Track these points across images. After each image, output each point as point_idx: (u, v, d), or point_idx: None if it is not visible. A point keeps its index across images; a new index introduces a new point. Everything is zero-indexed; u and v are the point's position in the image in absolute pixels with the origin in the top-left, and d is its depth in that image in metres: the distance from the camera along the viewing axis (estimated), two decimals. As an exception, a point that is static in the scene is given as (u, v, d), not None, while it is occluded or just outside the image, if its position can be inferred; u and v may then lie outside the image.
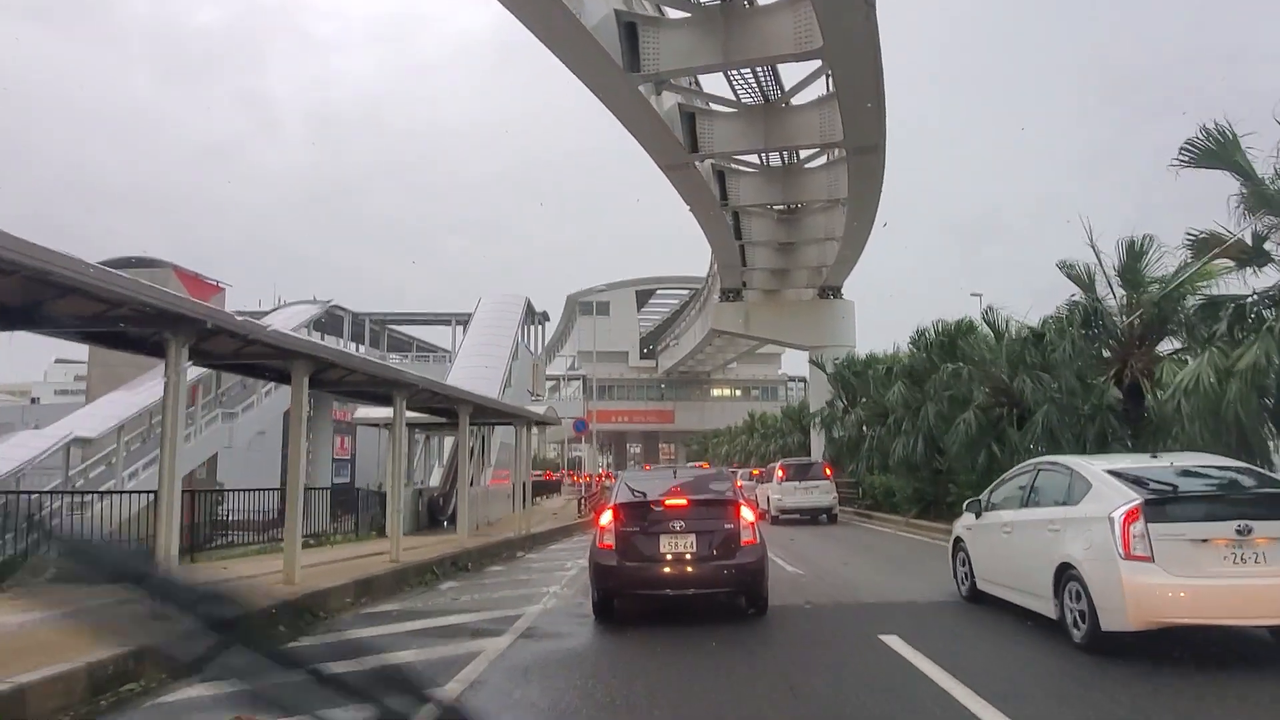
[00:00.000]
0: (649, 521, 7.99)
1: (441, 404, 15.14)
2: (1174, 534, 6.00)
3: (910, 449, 20.93)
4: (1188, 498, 6.39)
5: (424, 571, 11.99)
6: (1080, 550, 6.51)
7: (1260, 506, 6.22)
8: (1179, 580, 5.89)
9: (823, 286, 34.09)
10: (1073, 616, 6.51)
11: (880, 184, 22.23)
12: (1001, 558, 8.10)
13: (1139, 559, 5.98)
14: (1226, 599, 5.90)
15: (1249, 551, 5.90)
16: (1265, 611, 5.95)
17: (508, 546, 16.23)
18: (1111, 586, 6.07)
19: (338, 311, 38.54)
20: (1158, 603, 5.90)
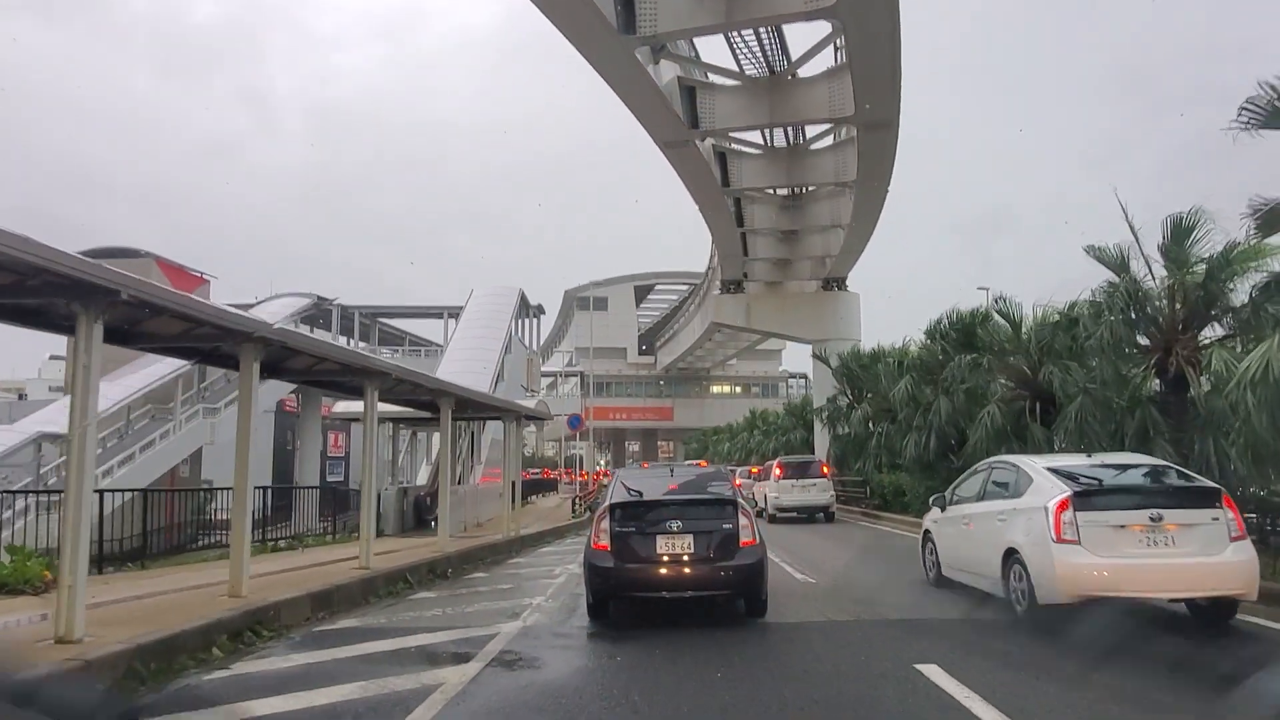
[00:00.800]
0: (646, 521, 7.78)
1: (421, 396, 13.99)
2: (1098, 521, 7.04)
3: (923, 446, 19.80)
4: (1110, 490, 7.45)
5: (396, 580, 10.84)
6: (1022, 536, 7.55)
7: (1170, 497, 7.26)
8: (1102, 560, 6.93)
9: (827, 278, 32.93)
10: (1016, 594, 7.57)
11: (891, 164, 21.04)
12: (962, 546, 9.12)
13: (1068, 542, 7.02)
14: (1141, 576, 6.93)
15: (1160, 535, 6.96)
16: (1172, 586, 7.03)
17: (493, 550, 15.08)
18: (1046, 566, 7.13)
19: (327, 305, 37.37)
20: (1084, 579, 6.93)
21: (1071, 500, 7.17)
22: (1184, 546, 6.93)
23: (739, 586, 7.80)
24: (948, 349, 20.06)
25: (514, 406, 17.10)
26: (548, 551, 16.10)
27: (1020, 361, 16.51)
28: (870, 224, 25.59)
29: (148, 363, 28.93)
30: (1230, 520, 7.07)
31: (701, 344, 56.81)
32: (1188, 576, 6.91)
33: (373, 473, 11.31)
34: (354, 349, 11.31)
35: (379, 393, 13.19)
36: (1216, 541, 6.97)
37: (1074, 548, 7.00)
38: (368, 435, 11.45)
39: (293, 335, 9.02)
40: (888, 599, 9.12)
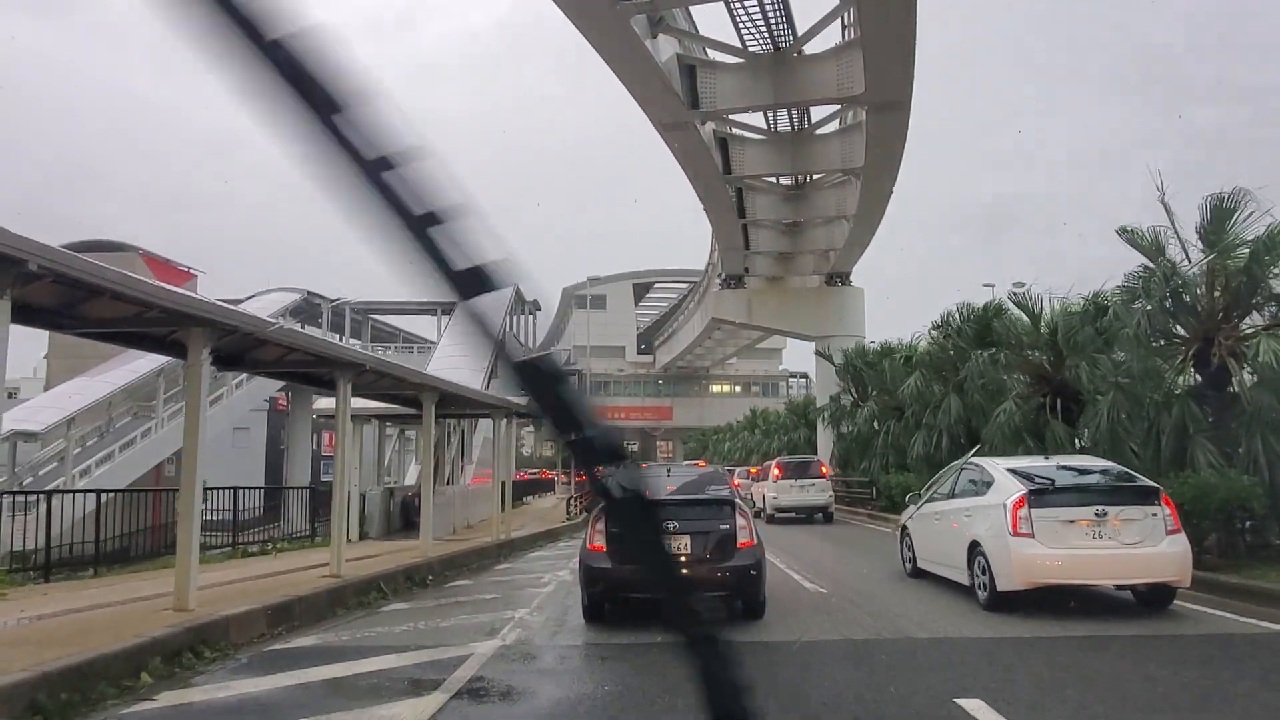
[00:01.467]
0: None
1: (401, 391, 13.08)
2: (1049, 516, 7.76)
3: (932, 445, 18.92)
4: (1061, 488, 8.11)
5: (368, 589, 9.93)
6: (984, 530, 8.29)
7: (1114, 495, 7.94)
8: (1053, 551, 7.66)
9: (830, 273, 32.01)
10: (979, 582, 8.30)
11: (901, 150, 20.09)
12: (934, 540, 9.86)
13: (1023, 535, 7.74)
14: (1087, 565, 7.71)
15: (1105, 529, 7.66)
16: (1116, 574, 7.86)
17: (480, 555, 14.17)
18: (1004, 557, 7.86)
19: (315, 300, 36.44)
20: (1037, 568, 7.66)
21: (1026, 498, 7.93)
22: (1125, 539, 7.69)
23: (737, 587, 7.69)
24: (959, 344, 19.18)
25: (503, 402, 16.18)
26: (538, 556, 15.18)
27: (1039, 356, 15.63)
28: (877, 215, 24.66)
29: (130, 359, 28.02)
30: (1167, 516, 7.83)
31: (701, 342, 55.85)
32: (1129, 566, 7.75)
33: (344, 472, 10.41)
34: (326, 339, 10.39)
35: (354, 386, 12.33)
36: (1154, 535, 7.72)
37: (1028, 540, 7.77)
38: (340, 431, 10.55)
39: (247, 319, 8.10)
40: (910, 612, 8.21)
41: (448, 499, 19.66)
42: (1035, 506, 7.84)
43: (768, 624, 7.70)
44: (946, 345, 20.13)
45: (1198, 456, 10.06)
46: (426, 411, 13.29)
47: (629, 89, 17.60)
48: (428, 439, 13.55)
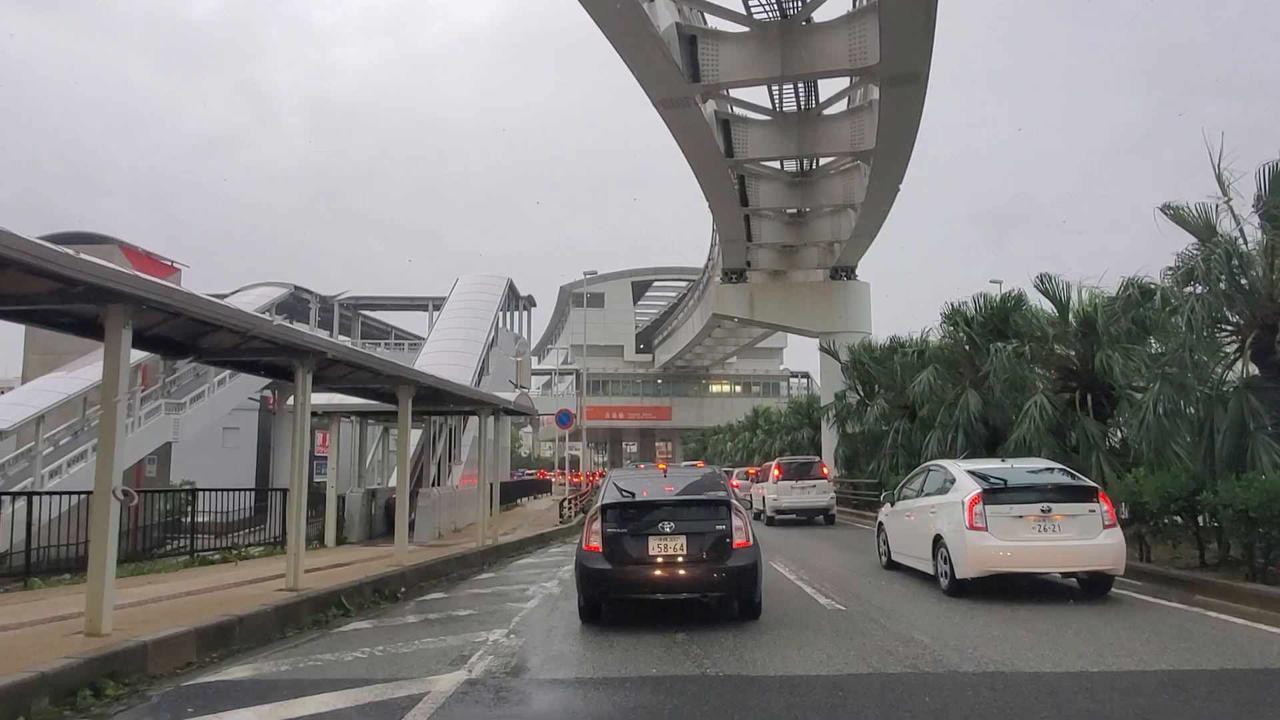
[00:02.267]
0: (638, 523, 7.71)
1: (373, 384, 11.95)
2: (1001, 512, 8.75)
3: (948, 444, 17.76)
4: (1012, 488, 9.07)
5: (328, 605, 8.79)
6: (946, 525, 9.25)
7: (1058, 493, 8.93)
8: (1004, 543, 8.68)
9: (835, 267, 30.90)
10: (941, 572, 9.28)
11: (915, 129, 18.89)
12: (905, 535, 10.85)
13: (978, 529, 8.74)
14: (1034, 555, 8.72)
15: (1049, 524, 8.70)
16: (1058, 563, 8.87)
17: (461, 563, 13.03)
18: (961, 548, 8.87)
19: (304, 295, 35.30)
20: (990, 558, 8.70)
21: (982, 496, 8.90)
22: (1067, 532, 8.68)
23: (733, 588, 7.72)
24: (974, 338, 18.06)
25: (489, 398, 15.06)
26: (526, 564, 14.04)
27: (1067, 348, 14.52)
28: (886, 202, 23.50)
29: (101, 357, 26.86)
30: (1104, 511, 8.81)
31: (701, 340, 54.76)
32: (1070, 556, 8.72)
33: (301, 471, 9.27)
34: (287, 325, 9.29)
35: (323, 379, 11.20)
36: (1092, 528, 8.69)
37: (983, 534, 8.73)
38: (298, 426, 9.41)
39: (179, 295, 6.97)
40: (947, 636, 7.08)
41: (433, 502, 18.53)
42: (989, 504, 8.84)
43: (785, 652, 6.60)
44: (960, 339, 19.02)
45: (1261, 456, 8.95)
46: (403, 406, 12.16)
47: (626, 61, 16.35)
48: (404, 436, 12.41)
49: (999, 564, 8.70)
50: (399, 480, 12.32)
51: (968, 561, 8.77)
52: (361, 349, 27.75)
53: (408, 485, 12.62)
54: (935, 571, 9.55)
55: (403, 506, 12.18)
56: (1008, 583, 9.02)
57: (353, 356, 9.95)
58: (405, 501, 12.27)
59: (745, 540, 7.69)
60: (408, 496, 12.50)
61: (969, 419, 17.41)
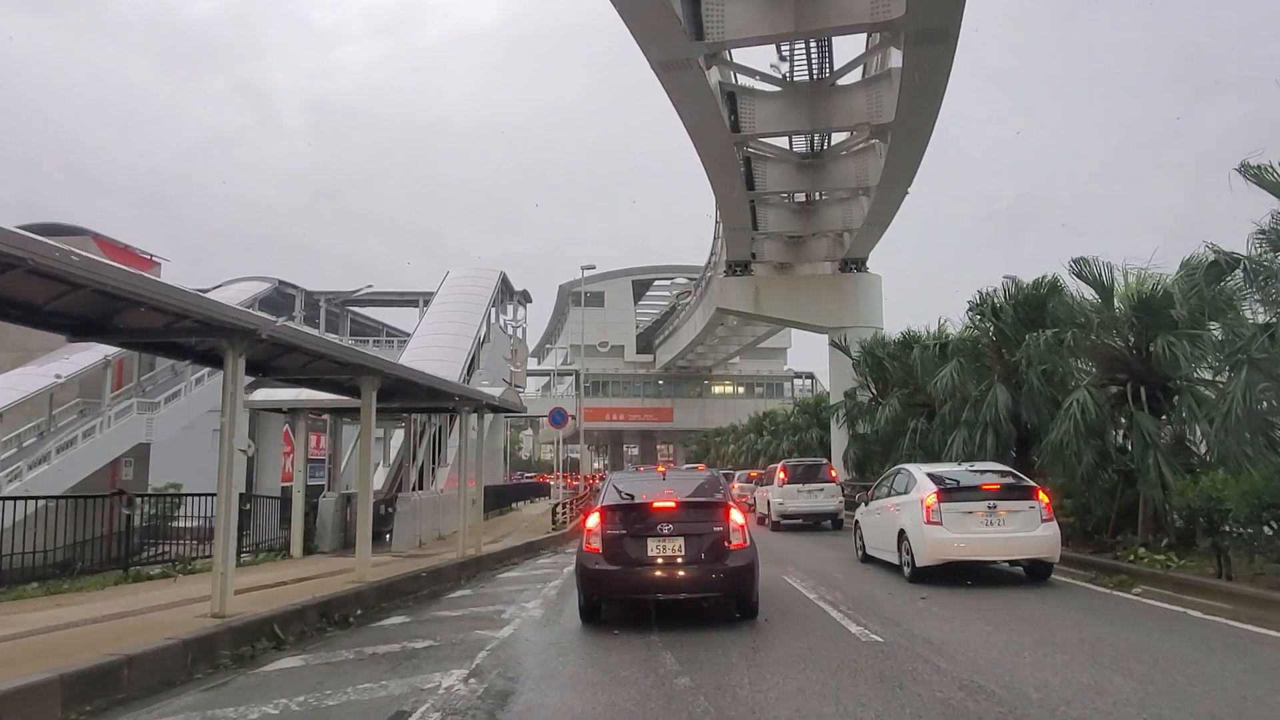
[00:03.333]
0: (637, 524, 7.78)
1: (334, 373, 10.44)
2: (955, 509, 10.21)
3: (976, 445, 16.23)
4: (964, 487, 10.60)
5: (256, 635, 7.29)
6: (908, 521, 10.74)
7: (1002, 492, 10.43)
8: (956, 535, 10.10)
9: (844, 259, 29.37)
10: (904, 562, 10.81)
11: (941, 94, 17.21)
12: (876, 531, 12.29)
13: (935, 524, 10.19)
14: (982, 546, 10.14)
15: (995, 518, 10.17)
16: (1003, 553, 10.28)
17: (434, 579, 11.52)
18: (921, 540, 10.32)
19: (289, 290, 33.83)
20: (945, 549, 10.11)
21: (939, 495, 10.18)
22: (1010, 526, 10.02)
23: (731, 589, 7.83)
24: (1003, 329, 16.55)
25: (470, 393, 13.57)
26: (509, 578, 12.52)
27: (1115, 336, 13.00)
28: (903, 184, 21.97)
29: (75, 349, 25.45)
30: (1041, 508, 10.15)
31: (704, 339, 53.23)
32: (1012, 546, 10.07)
33: (231, 470, 7.78)
34: (211, 299, 7.87)
35: (268, 366, 9.71)
36: (1032, 522, 10.05)
37: (939, 528, 10.02)
38: (228, 416, 7.92)
39: (60, 255, 5.47)
40: (1023, 681, 5.57)
41: (413, 507, 17.02)
42: (944, 501, 10.13)
43: (819, 708, 5.07)
44: (986, 329, 17.50)
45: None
46: (366, 400, 10.66)
47: (623, 15, 14.72)
48: (367, 434, 10.90)
49: (953, 554, 10.05)
50: (361, 483, 10.85)
51: (927, 552, 10.17)
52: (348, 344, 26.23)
53: (370, 489, 11.13)
54: (899, 562, 10.95)
55: (365, 514, 10.68)
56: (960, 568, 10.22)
57: (298, 340, 8.44)
58: (368, 508, 10.77)
59: (743, 541, 7.76)
60: (370, 502, 11.00)
61: (997, 417, 15.89)
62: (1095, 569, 11.07)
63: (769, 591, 9.37)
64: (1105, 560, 11.37)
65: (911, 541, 10.45)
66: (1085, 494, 13.16)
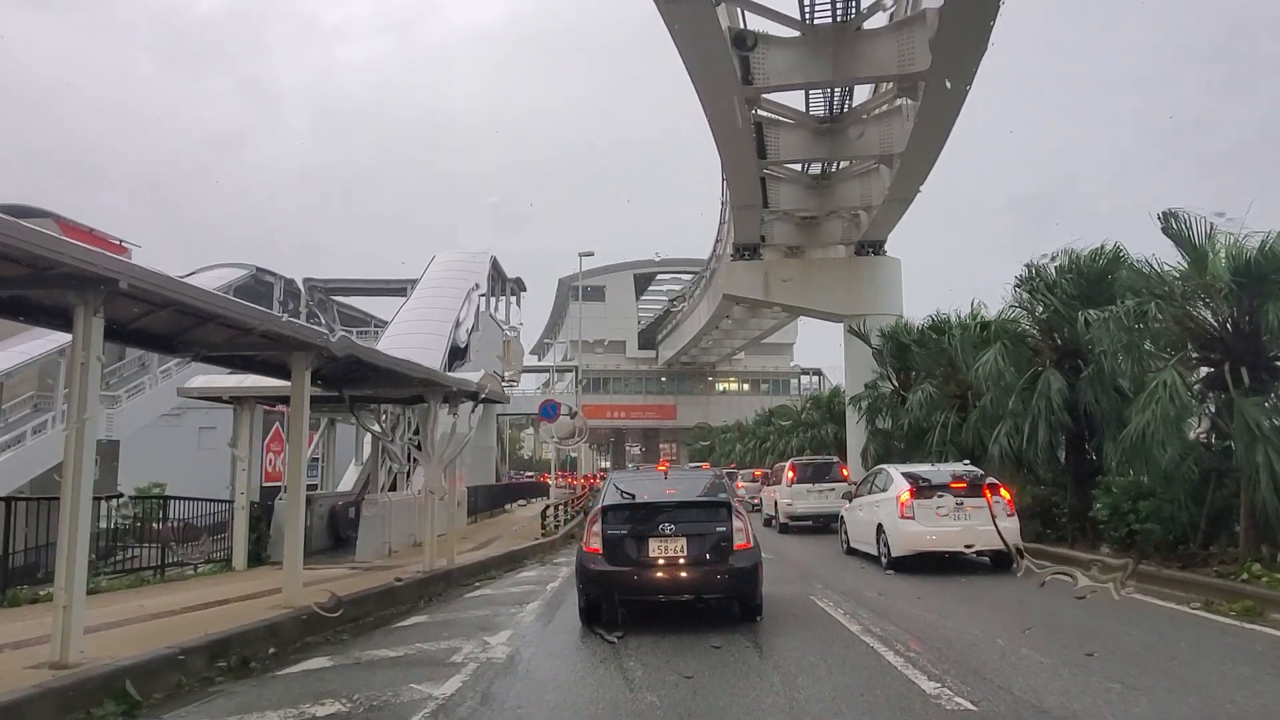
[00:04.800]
0: (638, 524, 7.64)
1: (257, 347, 8.37)
2: (925, 505, 11.45)
3: (1024, 439, 14.14)
4: (934, 485, 11.73)
5: (98, 696, 5.25)
6: (885, 516, 11.98)
7: (969, 489, 11.59)
8: (927, 528, 11.35)
9: (861, 241, 27.21)
10: (882, 553, 11.98)
11: (989, 31, 14.80)
12: (858, 526, 13.61)
13: (908, 519, 11.48)
14: (950, 537, 11.31)
15: (961, 512, 11.40)
16: (967, 542, 11.28)
17: (385, 600, 9.46)
18: (896, 533, 11.62)
19: (267, 277, 31.82)
20: (917, 540, 11.41)
21: (913, 492, 11.64)
22: (975, 519, 11.37)
23: (734, 590, 7.72)
24: (1056, 306, 14.46)
25: (439, 378, 11.52)
26: (480, 598, 10.43)
27: (1205, 308, 10.91)
28: (935, 149, 19.74)
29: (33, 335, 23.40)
30: (1004, 504, 11.61)
31: (708, 332, 51.10)
32: (977, 537, 11.29)
33: (82, 471, 5.74)
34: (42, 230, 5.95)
35: (175, 341, 7.67)
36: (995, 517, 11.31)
37: (911, 522, 11.49)
38: (75, 390, 5.88)
39: None
40: None
41: (380, 512, 15.01)
42: (917, 498, 11.50)
43: None
44: (1033, 308, 15.42)
45: None
46: (297, 380, 8.60)
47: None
48: (297, 422, 8.83)
49: (924, 545, 11.30)
50: (290, 482, 8.84)
51: (901, 544, 11.47)
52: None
53: (302, 488, 9.09)
54: (877, 553, 12.14)
55: (294, 519, 8.65)
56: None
57: (174, 291, 6.30)
58: (298, 512, 8.74)
59: (746, 542, 7.67)
60: (302, 505, 8.95)
61: (1050, 406, 13.79)
62: (1198, 590, 8.99)
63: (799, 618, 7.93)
64: (1210, 579, 9.29)
65: (888, 534, 11.73)
66: (1164, 496, 11.07)
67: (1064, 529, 13.95)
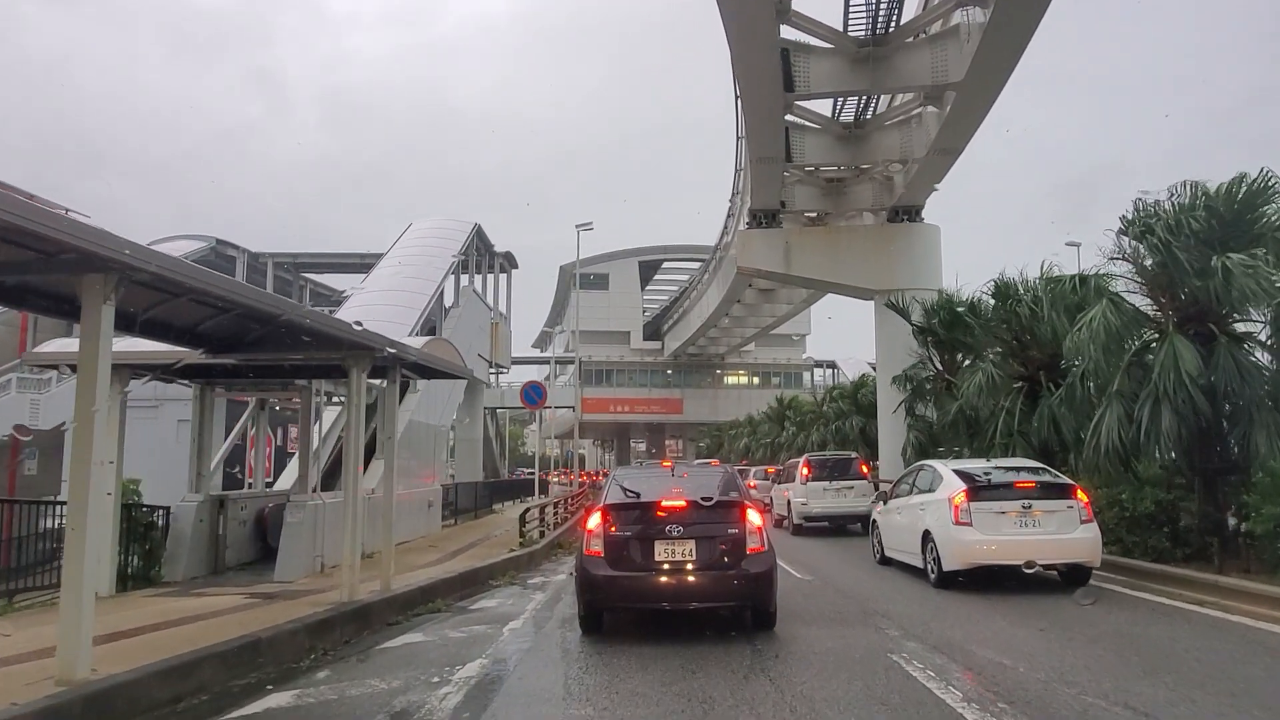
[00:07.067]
0: (643, 525, 7.15)
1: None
2: (985, 509, 9.58)
3: (1140, 428, 10.82)
4: (995, 485, 9.92)
5: None
6: (934, 521, 10.12)
7: (1037, 491, 9.71)
8: (988, 537, 9.47)
9: (895, 207, 23.89)
10: (929, 565, 10.14)
11: None
12: (896, 532, 11.71)
13: (964, 525, 9.56)
14: (1015, 549, 9.41)
15: (1029, 519, 9.49)
16: (1037, 556, 9.37)
17: (243, 658, 6.18)
18: (949, 542, 9.73)
19: (229, 251, 28.65)
20: (975, 552, 9.49)
21: (968, 493, 9.69)
22: (1046, 527, 9.45)
23: (747, 597, 7.23)
24: (1176, 254, 11.14)
25: (360, 337, 8.29)
26: (396, 651, 7.13)
27: None
28: (1001, 75, 16.21)
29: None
30: (1081, 508, 9.60)
31: (718, 319, 47.75)
32: (1049, 549, 9.40)
33: None
34: None
35: None
36: (1070, 523, 9.47)
37: (968, 529, 9.54)
38: None
39: None
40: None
41: (310, 517, 11.80)
42: (974, 500, 9.62)
43: None
44: (1141, 260, 12.10)
45: None
46: (88, 328, 5.33)
47: None
48: (87, 386, 5.55)
49: (983, 557, 9.47)
50: (73, 479, 5.53)
51: (955, 555, 9.64)
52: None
53: (89, 489, 5.79)
54: (924, 565, 10.35)
55: (77, 541, 5.35)
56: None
57: None
58: (83, 523, 5.42)
59: (760, 545, 7.12)
60: (89, 514, 5.61)
61: (1177, 384, 10.48)
62: None
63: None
64: None
65: (938, 543, 9.94)
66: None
67: (1192, 543, 10.68)
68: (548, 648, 7.10)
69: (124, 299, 5.51)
